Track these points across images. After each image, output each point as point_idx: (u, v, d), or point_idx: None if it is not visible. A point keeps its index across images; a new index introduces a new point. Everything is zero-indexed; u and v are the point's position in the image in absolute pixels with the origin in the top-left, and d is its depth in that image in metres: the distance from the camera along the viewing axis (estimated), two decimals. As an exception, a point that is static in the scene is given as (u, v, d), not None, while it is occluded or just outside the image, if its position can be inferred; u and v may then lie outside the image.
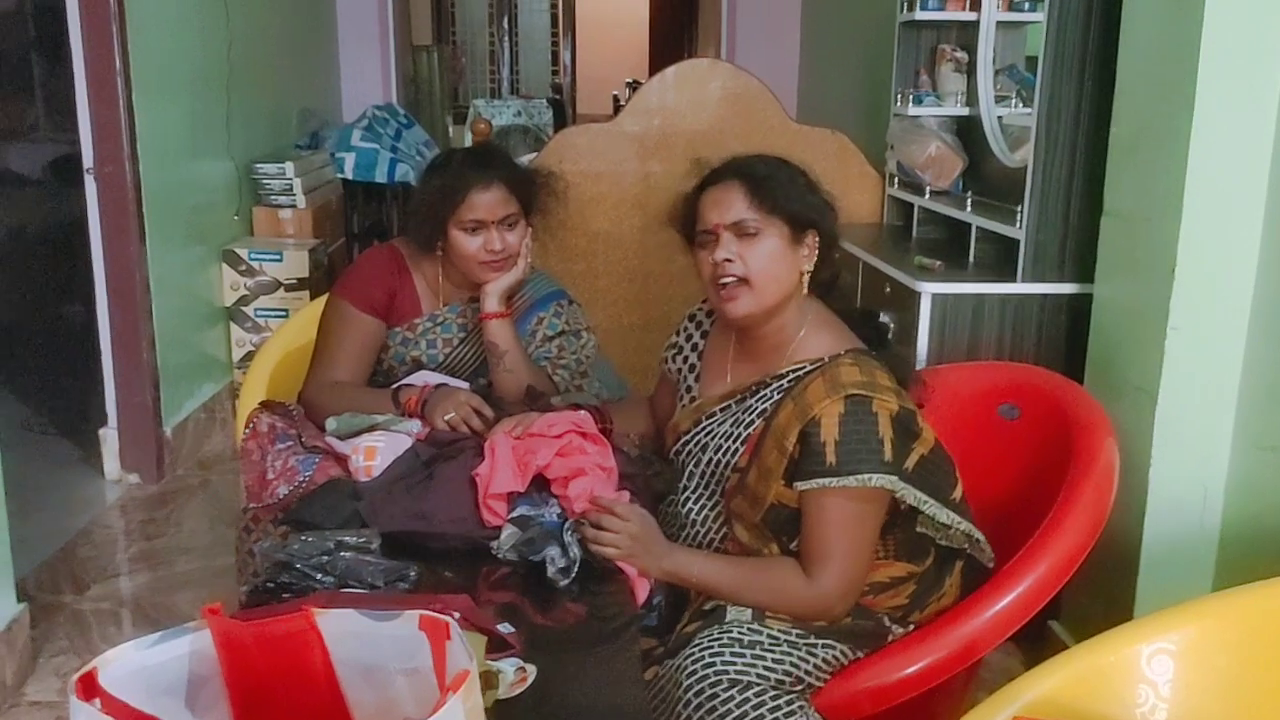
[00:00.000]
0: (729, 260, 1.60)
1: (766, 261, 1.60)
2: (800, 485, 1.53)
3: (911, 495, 1.55)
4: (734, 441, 1.64)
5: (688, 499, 1.71)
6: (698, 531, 1.70)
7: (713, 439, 1.69)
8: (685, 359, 1.84)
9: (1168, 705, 1.25)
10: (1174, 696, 1.26)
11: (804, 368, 1.62)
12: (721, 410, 1.69)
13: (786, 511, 1.57)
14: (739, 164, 1.67)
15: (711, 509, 1.69)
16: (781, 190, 1.62)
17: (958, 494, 1.64)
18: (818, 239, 1.65)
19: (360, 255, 2.43)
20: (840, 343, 1.64)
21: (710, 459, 1.68)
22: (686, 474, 1.72)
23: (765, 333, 1.65)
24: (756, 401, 1.64)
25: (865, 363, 1.58)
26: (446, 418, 1.80)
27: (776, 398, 1.61)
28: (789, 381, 1.62)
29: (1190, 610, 1.32)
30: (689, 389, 1.80)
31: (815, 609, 1.54)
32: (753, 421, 1.63)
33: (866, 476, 1.50)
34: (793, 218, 1.62)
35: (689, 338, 1.85)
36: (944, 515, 1.59)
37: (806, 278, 1.65)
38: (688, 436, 1.73)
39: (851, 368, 1.56)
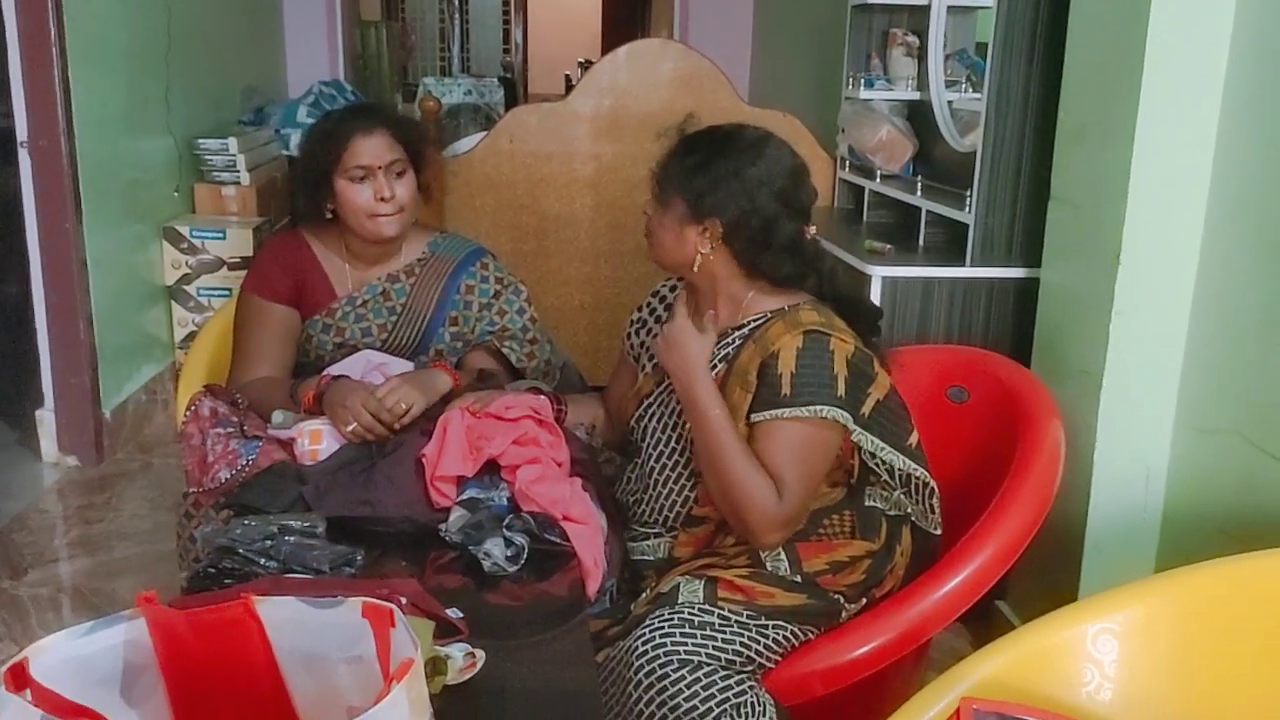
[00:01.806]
0: (647, 215, 1.72)
1: (659, 230, 1.69)
2: (755, 417, 1.58)
3: (867, 440, 1.61)
4: None
5: (650, 458, 1.74)
6: (659, 493, 1.72)
7: (674, 396, 1.71)
8: (649, 330, 1.87)
9: (1113, 684, 1.27)
10: (1118, 675, 1.27)
11: (764, 317, 1.67)
12: None
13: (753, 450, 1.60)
14: (686, 138, 1.70)
15: (673, 469, 1.71)
16: (684, 177, 1.64)
17: (914, 440, 1.69)
18: (720, 228, 1.63)
19: (262, 245, 2.36)
20: (796, 297, 1.69)
21: (675, 410, 1.71)
22: (651, 435, 1.74)
23: (711, 293, 1.70)
24: (718, 350, 1.68)
25: (822, 309, 1.66)
26: (348, 429, 1.69)
27: (738, 343, 1.66)
28: (749, 329, 1.66)
29: (1134, 591, 1.33)
30: (651, 357, 1.82)
31: (763, 525, 1.55)
32: (715, 367, 1.66)
33: (819, 408, 1.56)
34: (687, 204, 1.64)
35: (653, 311, 1.89)
36: (900, 461, 1.65)
37: (701, 259, 1.65)
38: (650, 399, 1.77)
39: (810, 311, 1.64)
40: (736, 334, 1.67)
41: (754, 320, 1.67)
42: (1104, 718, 1.24)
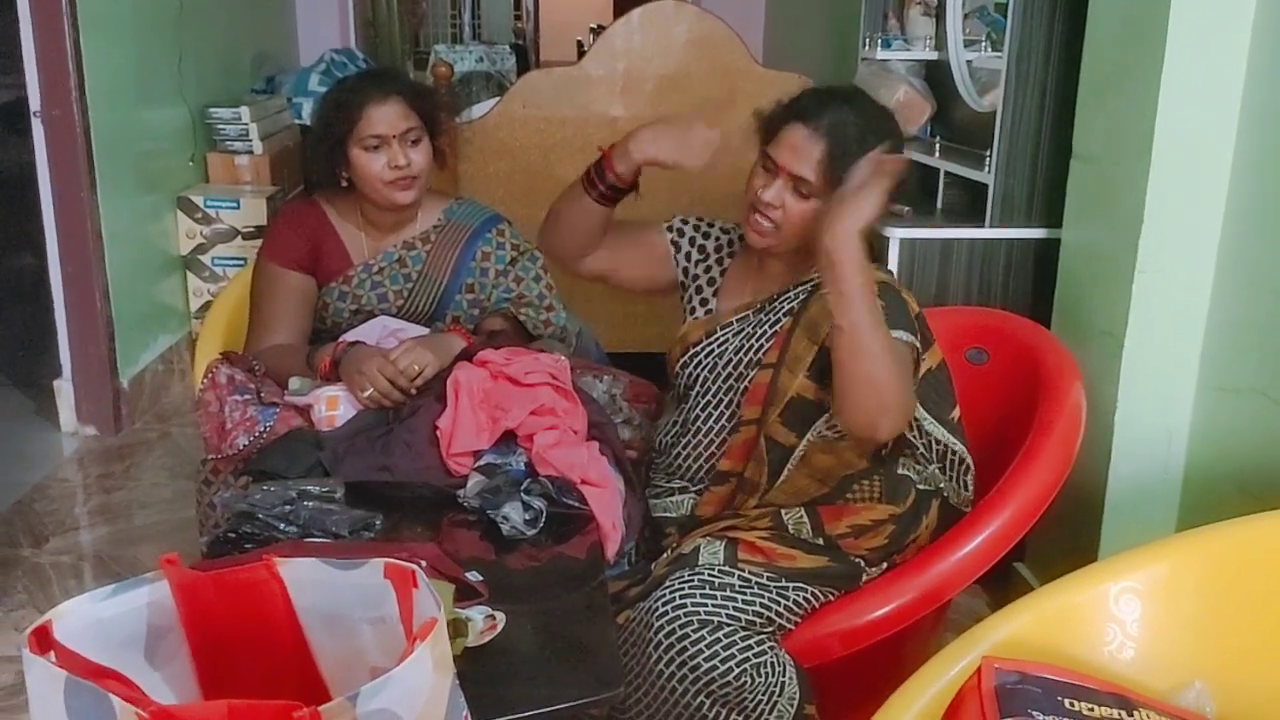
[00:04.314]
0: (772, 206, 1.64)
1: (802, 220, 1.64)
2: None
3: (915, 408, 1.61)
4: (760, 340, 1.68)
5: (697, 405, 1.74)
6: (698, 440, 1.72)
7: (728, 347, 1.73)
8: (707, 269, 1.83)
9: (1135, 643, 1.26)
10: (1141, 634, 1.27)
11: None
12: (739, 320, 1.73)
13: (804, 403, 1.61)
14: (835, 119, 1.61)
15: (716, 420, 1.72)
16: (854, 163, 1.58)
17: (955, 415, 1.69)
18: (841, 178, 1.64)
19: (278, 213, 2.34)
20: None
21: (729, 360, 1.71)
22: (701, 383, 1.74)
23: (791, 252, 1.69)
24: (782, 303, 1.69)
25: (887, 272, 1.70)
26: (365, 394, 1.68)
27: (804, 298, 1.67)
28: (815, 284, 1.65)
29: (1158, 550, 1.33)
30: (704, 301, 1.82)
31: (904, 410, 1.52)
32: (780, 320, 1.67)
33: (901, 333, 1.56)
34: (832, 175, 1.60)
35: (719, 248, 1.84)
36: (940, 433, 1.65)
37: None
38: (698, 348, 1.76)
39: (877, 271, 1.64)
40: (801, 288, 1.68)
41: (819, 275, 1.63)
42: (1126, 677, 1.23)
